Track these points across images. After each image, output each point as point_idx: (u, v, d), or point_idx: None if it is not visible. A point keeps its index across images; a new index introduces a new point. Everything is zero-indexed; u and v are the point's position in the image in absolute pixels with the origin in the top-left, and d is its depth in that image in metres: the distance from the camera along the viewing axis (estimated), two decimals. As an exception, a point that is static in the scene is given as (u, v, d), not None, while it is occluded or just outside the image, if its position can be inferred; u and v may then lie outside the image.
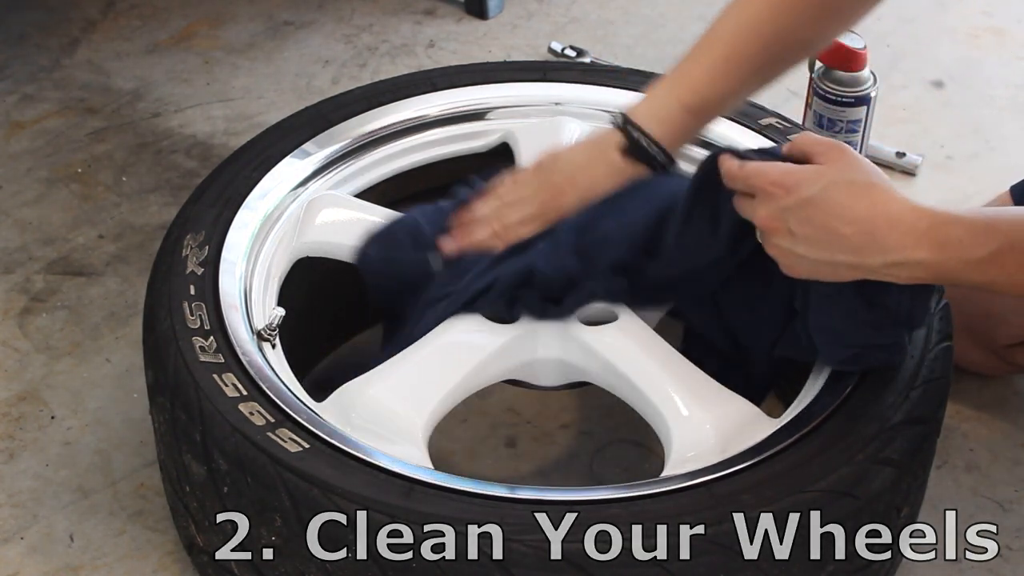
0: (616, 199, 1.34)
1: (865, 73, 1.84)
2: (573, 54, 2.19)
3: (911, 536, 1.32)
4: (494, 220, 1.35)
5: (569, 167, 1.37)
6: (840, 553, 1.15)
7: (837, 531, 1.14)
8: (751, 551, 1.10)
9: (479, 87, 1.61)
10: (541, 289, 1.31)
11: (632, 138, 1.33)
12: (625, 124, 1.34)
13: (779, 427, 1.23)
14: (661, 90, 1.35)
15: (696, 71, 1.33)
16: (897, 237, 1.13)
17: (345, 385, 1.28)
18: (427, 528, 1.09)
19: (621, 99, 1.59)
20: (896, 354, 1.26)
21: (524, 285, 1.31)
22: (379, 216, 1.46)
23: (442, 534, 1.08)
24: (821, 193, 1.15)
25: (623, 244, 1.31)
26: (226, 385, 1.21)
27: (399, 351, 1.31)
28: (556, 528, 1.09)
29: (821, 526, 1.12)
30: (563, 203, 1.34)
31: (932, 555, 1.41)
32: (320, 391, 1.28)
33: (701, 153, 1.42)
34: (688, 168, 1.33)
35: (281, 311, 1.34)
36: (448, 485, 1.13)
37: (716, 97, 1.33)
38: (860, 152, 1.87)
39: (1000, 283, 1.13)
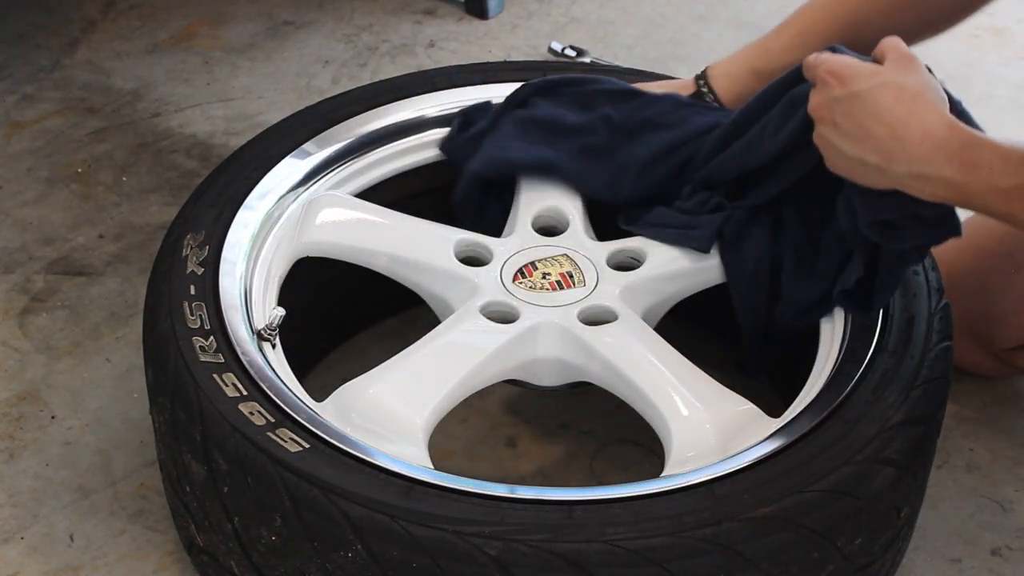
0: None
1: (865, 73, 1.83)
2: (573, 54, 2.19)
3: (911, 536, 1.32)
4: None
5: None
6: (840, 553, 1.15)
7: (837, 531, 1.14)
8: (751, 551, 1.10)
9: (479, 87, 1.61)
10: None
11: (699, 89, 1.47)
12: (699, 76, 1.48)
13: (779, 427, 1.23)
14: (740, 54, 1.47)
15: (772, 41, 1.44)
16: (926, 150, 1.14)
17: (345, 385, 1.28)
18: (427, 528, 1.09)
19: (621, 99, 1.60)
20: (940, 232, 1.24)
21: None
22: (379, 216, 1.46)
23: (442, 534, 1.08)
24: (868, 90, 1.16)
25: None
26: (226, 385, 1.21)
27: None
28: (556, 528, 1.09)
29: (821, 526, 1.12)
30: None
31: (932, 555, 1.41)
32: None
33: None
34: None
35: (281, 311, 1.34)
36: (448, 485, 1.13)
37: (785, 65, 1.36)
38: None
39: (1021, 218, 1.13)
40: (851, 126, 1.17)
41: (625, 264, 1.43)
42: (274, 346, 1.32)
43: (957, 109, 1.19)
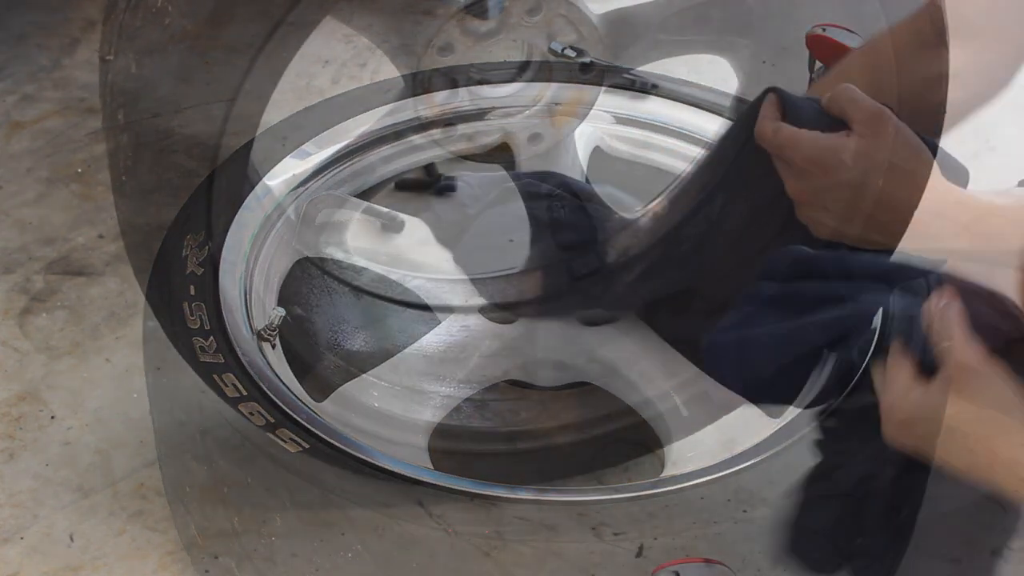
0: None
1: (865, 73, 1.83)
2: (573, 54, 2.18)
3: (911, 536, 1.32)
4: None
5: None
6: (840, 553, 1.15)
7: (837, 531, 1.14)
8: (750, 550, 1.10)
9: (479, 87, 1.61)
10: None
11: None
12: None
13: (779, 427, 1.23)
14: None
15: None
16: (937, 229, 1.11)
17: (345, 385, 1.28)
18: (427, 528, 1.09)
19: (620, 100, 1.60)
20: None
21: None
22: (378, 216, 1.46)
23: (442, 534, 1.08)
24: (860, 177, 1.10)
25: None
26: (226, 385, 1.21)
27: None
28: (556, 528, 1.09)
29: (821, 526, 1.12)
30: None
31: (932, 555, 1.41)
32: None
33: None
34: None
35: (281, 311, 1.34)
36: (448, 485, 1.13)
37: None
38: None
39: None
40: (846, 211, 1.12)
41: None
42: (274, 346, 1.32)
43: (938, 156, 1.16)
